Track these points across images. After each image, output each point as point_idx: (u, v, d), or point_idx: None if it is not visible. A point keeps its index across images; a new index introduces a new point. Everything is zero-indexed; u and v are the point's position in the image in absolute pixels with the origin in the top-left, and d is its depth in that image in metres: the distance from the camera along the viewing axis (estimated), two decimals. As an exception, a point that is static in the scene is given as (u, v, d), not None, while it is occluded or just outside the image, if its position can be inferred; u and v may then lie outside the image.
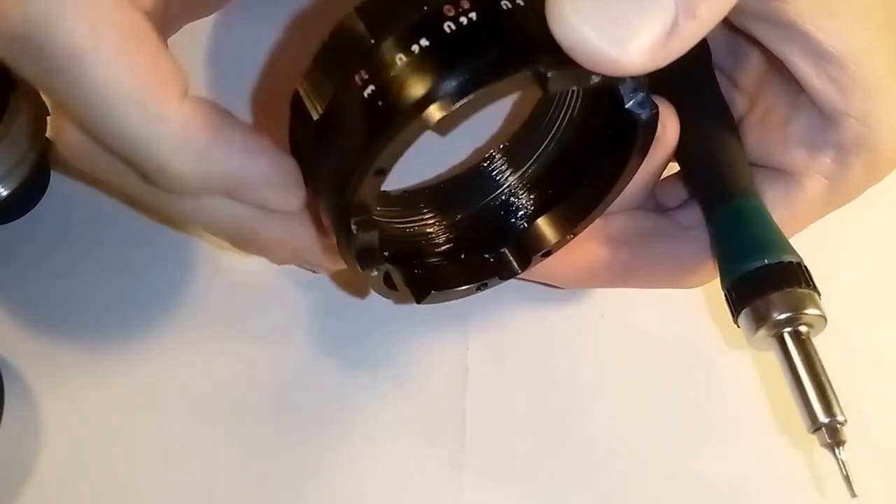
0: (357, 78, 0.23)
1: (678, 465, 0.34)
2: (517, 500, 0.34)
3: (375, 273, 0.27)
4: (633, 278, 0.33)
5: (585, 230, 0.31)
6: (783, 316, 0.27)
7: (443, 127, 0.22)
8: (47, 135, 0.36)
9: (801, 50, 0.27)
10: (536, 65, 0.22)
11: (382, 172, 0.23)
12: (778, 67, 0.29)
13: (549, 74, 0.22)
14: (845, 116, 0.28)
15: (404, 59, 0.22)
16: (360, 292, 0.37)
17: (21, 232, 0.38)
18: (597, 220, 0.31)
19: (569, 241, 0.31)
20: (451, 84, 0.22)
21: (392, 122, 0.22)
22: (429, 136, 0.22)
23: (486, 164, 0.31)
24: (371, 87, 0.22)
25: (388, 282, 0.28)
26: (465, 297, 0.31)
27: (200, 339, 0.36)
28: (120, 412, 0.35)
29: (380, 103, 0.22)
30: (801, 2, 0.26)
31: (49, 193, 0.39)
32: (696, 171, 0.32)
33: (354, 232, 0.25)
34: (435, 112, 0.21)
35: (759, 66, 0.31)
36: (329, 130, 0.24)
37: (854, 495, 0.27)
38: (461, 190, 0.31)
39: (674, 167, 0.33)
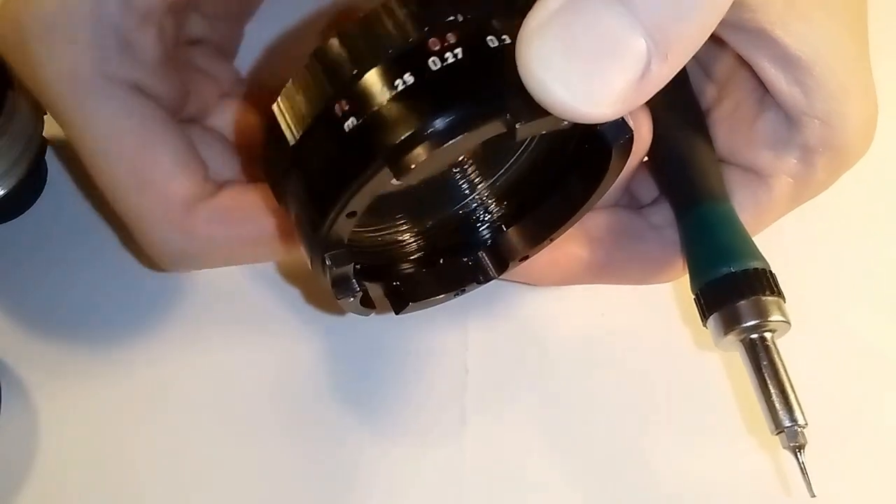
0: (337, 108, 0.22)
1: (668, 465, 0.35)
2: (517, 501, 0.34)
3: (352, 299, 0.27)
4: (606, 276, 0.34)
5: None
6: (749, 323, 0.28)
7: (410, 176, 0.22)
8: (45, 134, 0.36)
9: (768, 54, 0.27)
10: (505, 114, 0.21)
11: (355, 214, 0.23)
12: (747, 63, 0.29)
13: (517, 126, 0.21)
14: (810, 118, 0.28)
15: (384, 98, 0.22)
16: (338, 310, 0.36)
17: (17, 231, 0.38)
18: None
19: (546, 246, 0.31)
20: (422, 135, 0.21)
21: (366, 167, 0.22)
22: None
23: (456, 171, 0.31)
24: (352, 121, 0.22)
25: (366, 302, 0.28)
26: (443, 302, 0.31)
27: (199, 338, 0.36)
28: (117, 412, 0.35)
29: (357, 143, 0.22)
30: (770, 9, 0.26)
31: (46, 192, 0.39)
32: (666, 173, 0.32)
33: (329, 265, 0.25)
34: (405, 165, 0.21)
35: (731, 59, 0.31)
36: (305, 162, 0.24)
37: (813, 495, 0.28)
38: (432, 196, 0.30)
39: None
